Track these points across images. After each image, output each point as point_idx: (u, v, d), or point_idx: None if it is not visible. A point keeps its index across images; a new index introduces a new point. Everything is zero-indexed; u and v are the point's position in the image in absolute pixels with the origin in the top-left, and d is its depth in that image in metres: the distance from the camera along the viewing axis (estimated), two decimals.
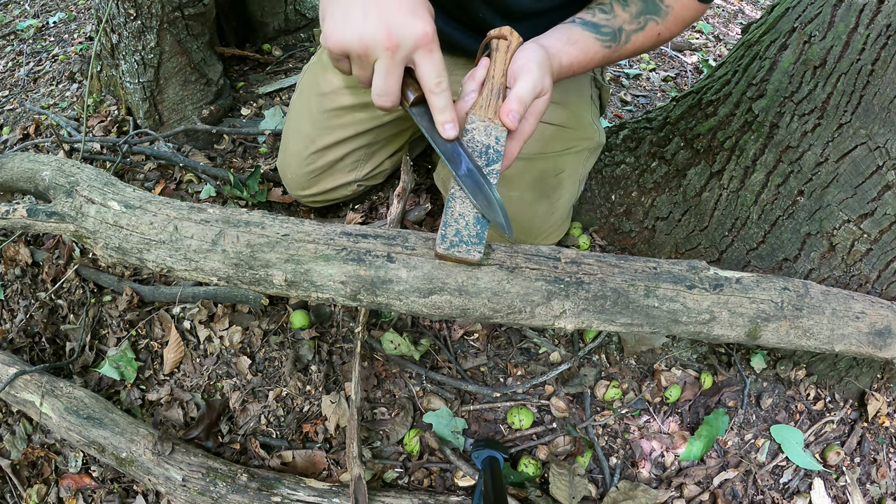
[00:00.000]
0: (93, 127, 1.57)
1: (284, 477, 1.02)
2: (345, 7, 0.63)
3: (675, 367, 1.22)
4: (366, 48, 0.62)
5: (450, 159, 0.69)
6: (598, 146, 1.14)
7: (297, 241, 0.72)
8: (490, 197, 0.68)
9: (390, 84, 0.65)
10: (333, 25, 0.63)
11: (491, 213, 0.68)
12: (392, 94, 0.65)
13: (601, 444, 1.15)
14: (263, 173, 1.39)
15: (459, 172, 0.68)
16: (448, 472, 1.09)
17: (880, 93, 0.92)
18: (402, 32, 0.62)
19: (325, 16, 0.65)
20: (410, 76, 0.68)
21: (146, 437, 1.01)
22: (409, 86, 0.69)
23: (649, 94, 2.11)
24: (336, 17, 0.63)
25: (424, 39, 0.63)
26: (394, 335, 1.17)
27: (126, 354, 1.19)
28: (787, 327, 0.80)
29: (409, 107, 0.70)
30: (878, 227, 0.99)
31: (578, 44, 0.78)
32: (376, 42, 0.62)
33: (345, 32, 0.63)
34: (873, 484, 1.19)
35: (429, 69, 0.65)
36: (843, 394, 1.25)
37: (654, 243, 1.30)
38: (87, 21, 2.26)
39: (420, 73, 0.66)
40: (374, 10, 0.62)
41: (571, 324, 0.73)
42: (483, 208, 0.68)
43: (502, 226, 0.67)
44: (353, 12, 0.62)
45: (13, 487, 1.12)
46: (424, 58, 0.64)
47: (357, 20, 0.62)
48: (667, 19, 0.84)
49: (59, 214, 0.82)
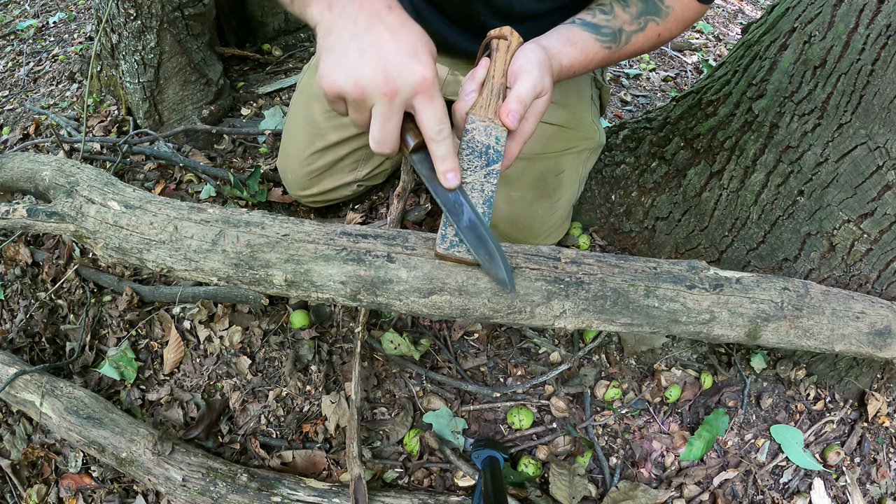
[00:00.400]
0: (93, 127, 1.57)
1: (284, 477, 1.02)
2: (341, 46, 0.59)
3: (675, 367, 1.22)
4: (362, 93, 0.59)
5: (451, 210, 0.66)
6: (598, 146, 1.14)
7: (297, 241, 0.72)
8: (493, 251, 0.65)
9: (388, 131, 0.61)
10: (328, 66, 0.60)
11: (493, 268, 0.65)
12: (390, 141, 0.62)
13: (601, 444, 1.15)
14: (263, 173, 1.39)
15: (461, 224, 0.66)
16: (448, 472, 1.09)
17: (880, 93, 0.92)
18: (401, 77, 0.58)
19: (321, 53, 0.62)
20: (410, 120, 0.65)
21: (146, 437, 1.01)
22: (409, 130, 0.66)
23: (649, 94, 2.11)
24: (331, 56, 0.60)
25: (424, 85, 0.59)
26: (394, 335, 1.17)
27: (126, 354, 1.19)
28: (787, 327, 0.80)
29: (408, 153, 0.67)
30: (878, 227, 0.99)
31: (578, 45, 0.78)
32: (373, 87, 0.58)
33: (340, 75, 0.59)
34: (873, 484, 1.19)
35: (429, 116, 0.61)
36: (843, 394, 1.25)
37: (654, 243, 1.30)
38: (87, 21, 2.26)
39: (420, 119, 0.62)
40: (371, 51, 0.58)
41: (571, 324, 0.73)
42: (485, 263, 0.65)
43: (504, 282, 0.65)
44: (349, 53, 0.59)
45: (13, 487, 1.12)
46: (425, 104, 0.61)
47: (353, 62, 0.58)
48: (667, 20, 0.84)
49: (59, 214, 0.82)
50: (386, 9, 0.61)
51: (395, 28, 0.60)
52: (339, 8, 0.61)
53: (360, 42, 0.59)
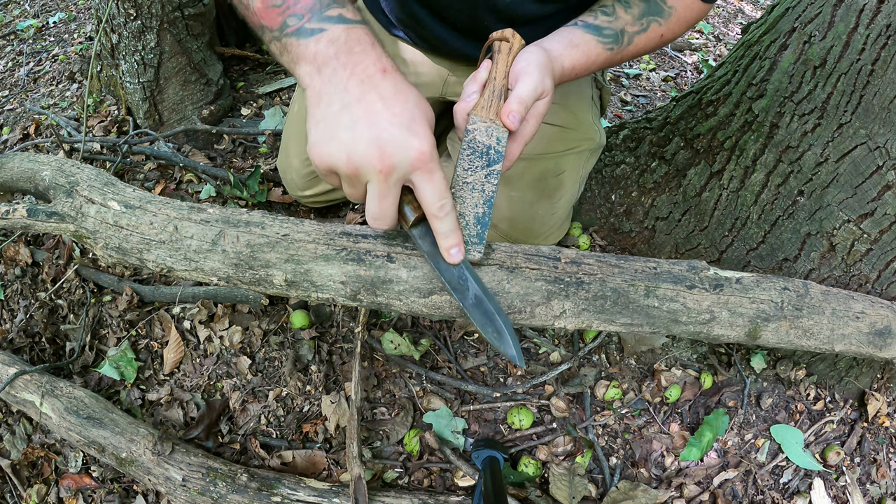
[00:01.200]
0: (93, 127, 1.57)
1: (284, 477, 1.02)
2: (332, 118, 0.55)
3: (675, 367, 1.22)
4: (355, 169, 0.54)
5: (455, 288, 0.63)
6: (598, 147, 1.14)
7: (297, 241, 0.72)
8: (501, 328, 0.63)
9: (385, 209, 0.57)
10: (319, 139, 0.56)
11: (502, 346, 0.63)
12: (388, 217, 0.59)
13: (601, 444, 1.15)
14: (263, 173, 1.39)
15: (466, 302, 0.64)
16: (448, 472, 1.09)
17: (880, 93, 0.92)
18: (397, 153, 0.54)
19: (310, 123, 0.57)
20: (409, 192, 0.61)
21: (146, 437, 1.01)
22: (408, 203, 0.62)
23: (649, 94, 2.11)
24: (322, 128, 0.55)
25: (422, 159, 0.55)
26: (394, 335, 1.17)
27: (126, 354, 1.19)
28: (787, 327, 0.80)
29: (408, 228, 0.64)
30: (878, 227, 0.99)
31: (580, 47, 0.78)
32: (367, 164, 0.54)
33: (331, 149, 0.55)
34: (873, 484, 1.19)
35: (429, 192, 0.57)
36: (843, 394, 1.25)
37: (654, 243, 1.30)
38: (87, 21, 2.26)
39: (420, 195, 0.58)
40: (364, 124, 0.54)
41: (571, 324, 0.73)
42: (493, 341, 0.63)
43: (514, 358, 0.62)
44: (340, 125, 0.54)
45: (13, 487, 1.12)
46: (424, 180, 0.56)
47: (345, 136, 0.54)
48: (669, 20, 0.84)
49: (59, 214, 0.82)
50: (380, 73, 0.57)
51: (388, 96, 0.55)
52: (328, 72, 0.57)
53: (351, 113, 0.54)
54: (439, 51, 1.06)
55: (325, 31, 0.58)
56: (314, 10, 0.59)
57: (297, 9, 0.59)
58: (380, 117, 0.54)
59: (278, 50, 0.62)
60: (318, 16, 0.59)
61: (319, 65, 0.57)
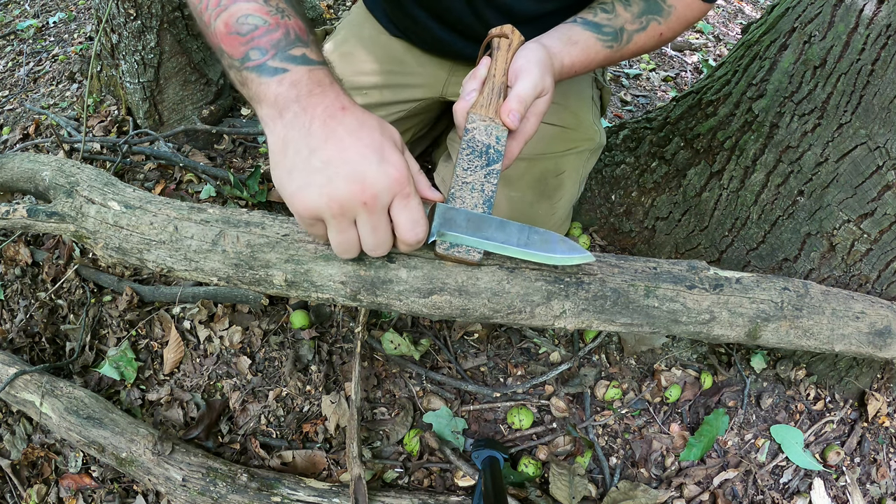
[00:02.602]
0: (93, 127, 1.57)
1: (284, 477, 1.02)
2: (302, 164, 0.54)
3: (675, 367, 1.22)
4: (340, 208, 0.54)
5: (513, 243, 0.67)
6: (598, 147, 1.14)
7: (297, 241, 0.72)
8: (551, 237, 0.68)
9: (381, 236, 0.58)
10: (295, 188, 0.55)
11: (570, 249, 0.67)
12: (386, 242, 0.60)
13: (601, 444, 1.15)
14: (263, 173, 1.39)
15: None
16: (448, 472, 1.09)
17: (880, 93, 0.92)
18: (377, 182, 0.54)
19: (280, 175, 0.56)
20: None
21: (146, 437, 1.01)
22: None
23: (649, 94, 2.11)
24: (294, 176, 0.55)
25: (400, 184, 0.56)
26: (394, 335, 1.17)
27: (126, 354, 1.19)
28: (787, 327, 0.80)
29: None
30: (878, 227, 0.99)
31: (580, 44, 0.78)
32: (351, 199, 0.54)
33: (310, 195, 0.54)
34: (873, 484, 1.19)
35: (405, 218, 0.58)
36: (843, 394, 1.25)
37: (654, 243, 1.30)
38: (87, 21, 2.26)
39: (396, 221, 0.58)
40: (337, 162, 0.53)
41: (571, 324, 0.73)
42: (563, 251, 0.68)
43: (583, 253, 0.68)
44: (313, 170, 0.54)
45: (13, 487, 1.12)
46: (401, 206, 0.57)
47: (321, 179, 0.54)
48: (669, 19, 0.84)
49: (59, 214, 0.82)
50: (340, 111, 0.56)
51: (354, 130, 0.56)
52: (290, 116, 0.56)
53: (321, 155, 0.54)
54: (440, 52, 1.06)
55: (288, 72, 0.57)
56: (279, 46, 0.58)
57: (262, 42, 0.58)
58: (350, 152, 0.54)
59: (237, 80, 0.60)
60: (283, 54, 0.57)
61: (281, 108, 0.57)
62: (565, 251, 0.67)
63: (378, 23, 1.10)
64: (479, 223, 0.66)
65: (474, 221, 0.66)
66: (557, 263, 0.68)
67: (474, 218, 0.66)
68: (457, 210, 0.66)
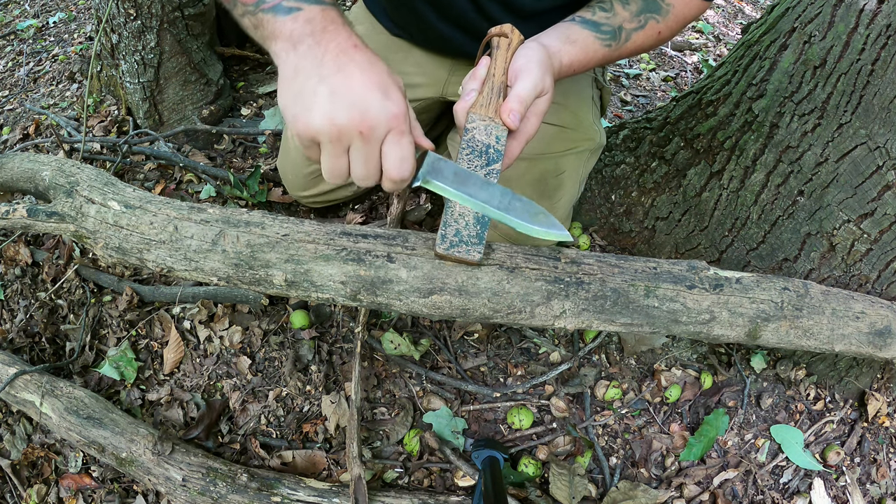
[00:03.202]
0: (93, 127, 1.57)
1: (284, 477, 1.02)
2: (311, 90, 0.58)
3: (675, 367, 1.22)
4: (339, 132, 0.58)
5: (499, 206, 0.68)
6: (598, 147, 1.14)
7: (297, 241, 0.72)
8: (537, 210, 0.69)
9: (370, 168, 0.61)
10: (300, 110, 0.59)
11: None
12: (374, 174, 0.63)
13: (601, 444, 1.15)
14: (263, 173, 1.39)
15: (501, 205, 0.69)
16: (448, 472, 1.09)
17: (880, 93, 0.92)
18: (377, 115, 0.58)
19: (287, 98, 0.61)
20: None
21: (146, 437, 1.01)
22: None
23: (649, 94, 2.11)
24: (301, 100, 0.59)
25: (397, 120, 0.59)
26: (394, 335, 1.17)
27: (126, 354, 1.19)
28: (787, 327, 0.80)
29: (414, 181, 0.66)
30: (878, 227, 0.99)
31: (578, 43, 0.78)
32: (350, 126, 0.58)
33: (314, 117, 0.58)
34: (873, 484, 1.19)
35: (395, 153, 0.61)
36: (843, 394, 1.25)
37: (654, 243, 1.30)
38: (87, 21, 2.26)
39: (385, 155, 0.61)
40: (343, 91, 0.57)
41: (571, 324, 0.73)
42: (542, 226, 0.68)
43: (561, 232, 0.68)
44: (320, 95, 0.58)
45: (13, 487, 1.12)
46: (393, 141, 0.60)
47: (326, 104, 0.58)
48: (667, 18, 0.84)
49: (59, 214, 0.82)
50: (353, 48, 0.60)
51: (364, 67, 0.59)
52: (304, 48, 0.60)
53: (330, 84, 0.58)
54: (442, 49, 1.06)
55: (302, 10, 0.61)
56: None
57: None
58: (357, 85, 0.58)
59: (251, 24, 0.65)
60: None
61: (295, 42, 0.61)
62: (544, 225, 0.68)
63: (378, 22, 1.10)
64: (466, 179, 0.67)
65: (461, 176, 0.67)
66: (532, 235, 0.68)
67: (461, 173, 0.67)
68: (446, 162, 0.67)
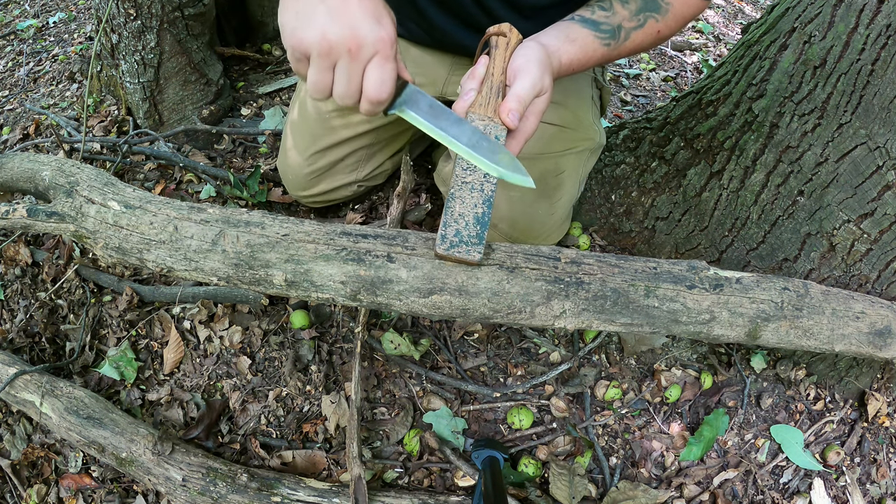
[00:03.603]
0: (93, 127, 1.57)
1: (284, 477, 1.02)
2: (311, 9, 0.63)
3: (675, 367, 1.22)
4: (329, 47, 0.62)
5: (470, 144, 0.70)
6: (598, 147, 1.14)
7: (297, 241, 0.72)
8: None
9: (352, 87, 0.64)
10: (296, 25, 0.63)
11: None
12: (354, 93, 0.66)
13: (601, 444, 1.15)
14: (263, 173, 1.39)
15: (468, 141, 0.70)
16: (448, 472, 1.09)
17: (880, 93, 0.92)
18: (368, 36, 0.62)
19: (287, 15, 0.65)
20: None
21: (146, 437, 1.01)
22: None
23: (649, 94, 2.11)
24: (299, 16, 0.63)
25: (385, 44, 0.63)
26: (394, 335, 1.17)
27: (126, 354, 1.19)
28: (787, 327, 0.80)
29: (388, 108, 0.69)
30: (878, 227, 0.99)
31: (577, 42, 0.78)
32: (340, 42, 0.62)
33: (308, 32, 0.62)
34: (873, 484, 1.19)
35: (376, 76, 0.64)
36: (843, 394, 1.25)
37: (654, 243, 1.30)
38: (87, 21, 2.26)
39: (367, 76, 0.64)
40: (339, 12, 0.62)
41: (571, 324, 0.73)
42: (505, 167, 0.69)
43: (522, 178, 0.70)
44: (317, 13, 0.62)
45: (13, 487, 1.12)
46: (377, 65, 0.64)
47: (322, 21, 0.62)
48: (667, 17, 0.84)
49: (59, 214, 0.82)
50: None
51: None
52: None
53: (329, 4, 0.62)
54: (443, 45, 1.06)
55: None
56: None
57: None
58: (354, 8, 0.62)
59: None
60: None
61: None
62: (507, 167, 0.70)
63: None
64: (439, 113, 0.70)
65: (436, 110, 0.70)
66: (494, 174, 0.70)
67: (437, 107, 0.70)
68: (424, 95, 0.70)
